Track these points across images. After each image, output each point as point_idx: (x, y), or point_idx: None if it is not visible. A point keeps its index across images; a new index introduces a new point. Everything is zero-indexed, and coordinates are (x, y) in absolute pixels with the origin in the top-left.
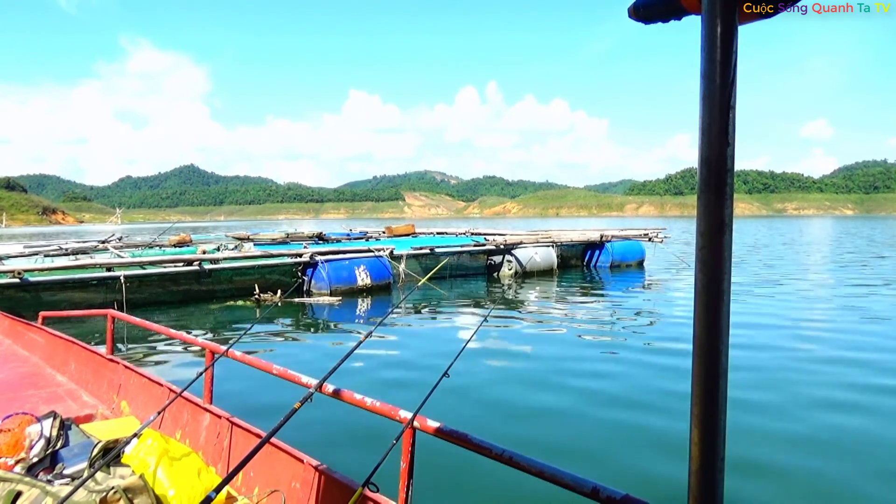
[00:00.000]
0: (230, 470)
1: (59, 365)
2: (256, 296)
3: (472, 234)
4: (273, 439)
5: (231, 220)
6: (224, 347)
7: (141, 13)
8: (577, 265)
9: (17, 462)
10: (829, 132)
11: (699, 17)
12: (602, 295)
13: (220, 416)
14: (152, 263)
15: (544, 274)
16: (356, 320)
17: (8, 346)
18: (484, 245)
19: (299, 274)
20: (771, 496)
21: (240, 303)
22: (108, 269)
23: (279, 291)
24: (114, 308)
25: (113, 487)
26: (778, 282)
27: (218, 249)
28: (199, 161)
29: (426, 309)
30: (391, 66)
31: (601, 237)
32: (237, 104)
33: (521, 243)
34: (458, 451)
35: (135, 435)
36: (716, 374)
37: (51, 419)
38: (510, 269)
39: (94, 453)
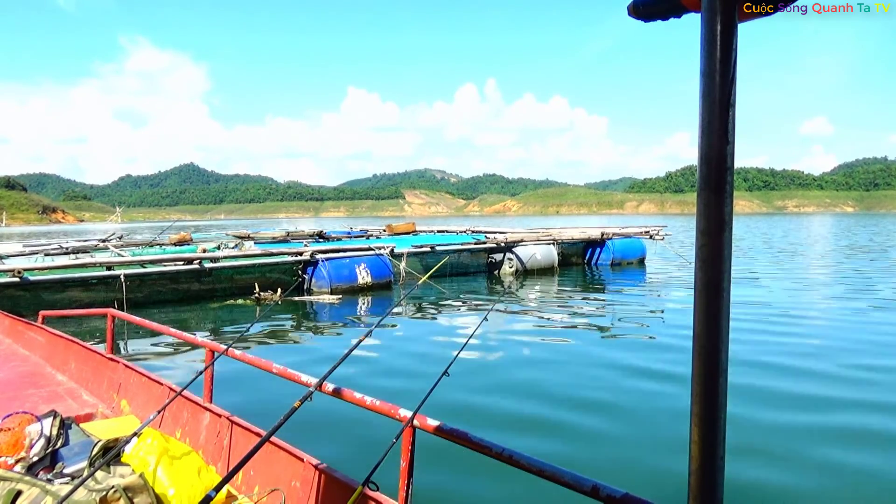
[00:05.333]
0: (230, 469)
1: (59, 364)
2: (257, 294)
3: (473, 232)
4: (273, 438)
5: (231, 219)
6: (224, 346)
7: (140, 12)
8: (578, 263)
9: (18, 461)
10: (830, 129)
11: (699, 15)
12: (603, 293)
13: (220, 415)
14: (152, 262)
15: (545, 272)
16: (357, 319)
17: (8, 346)
18: (484, 243)
19: (300, 272)
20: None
21: (240, 301)
22: (109, 268)
23: (279, 290)
24: (114, 307)
25: (113, 486)
26: None
27: (218, 248)
28: (198, 160)
29: (427, 307)
30: (390, 63)
31: (602, 235)
32: (236, 103)
33: (521, 241)
34: (458, 449)
35: (135, 434)
36: (716, 372)
37: (51, 418)
38: (511, 268)
39: (94, 452)
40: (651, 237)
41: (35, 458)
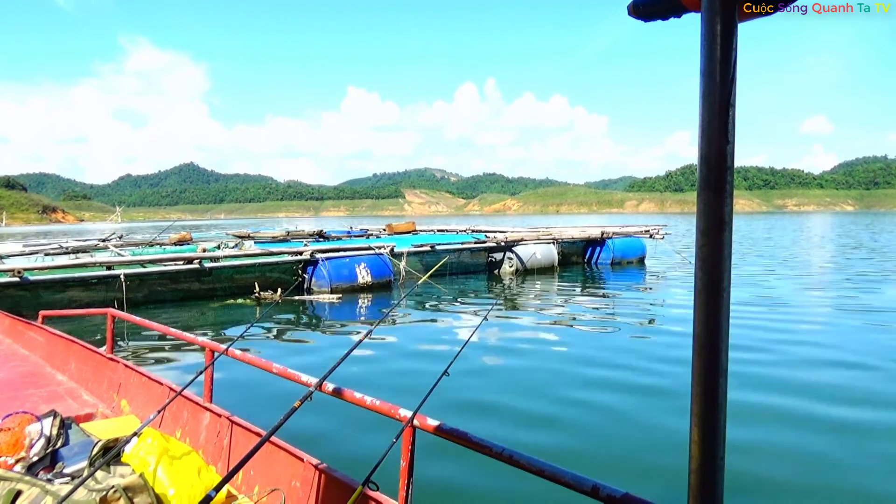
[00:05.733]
0: (230, 469)
1: (59, 364)
2: (257, 294)
3: (473, 231)
4: (273, 438)
5: (231, 219)
6: (224, 346)
7: (139, 12)
8: (579, 262)
9: (18, 461)
10: (829, 128)
11: (699, 15)
12: (603, 292)
13: (220, 415)
14: (152, 262)
15: (545, 271)
16: (357, 318)
17: (8, 346)
18: (485, 242)
19: (300, 272)
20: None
21: (240, 301)
22: (109, 268)
23: (279, 290)
24: (114, 307)
25: (113, 486)
26: None
27: (218, 248)
28: (198, 159)
29: (427, 307)
30: (389, 62)
31: (602, 234)
32: (236, 102)
33: (521, 240)
34: (459, 449)
35: (135, 434)
36: (716, 372)
37: (51, 418)
38: (511, 267)
39: (94, 452)
40: (651, 236)
41: (35, 458)
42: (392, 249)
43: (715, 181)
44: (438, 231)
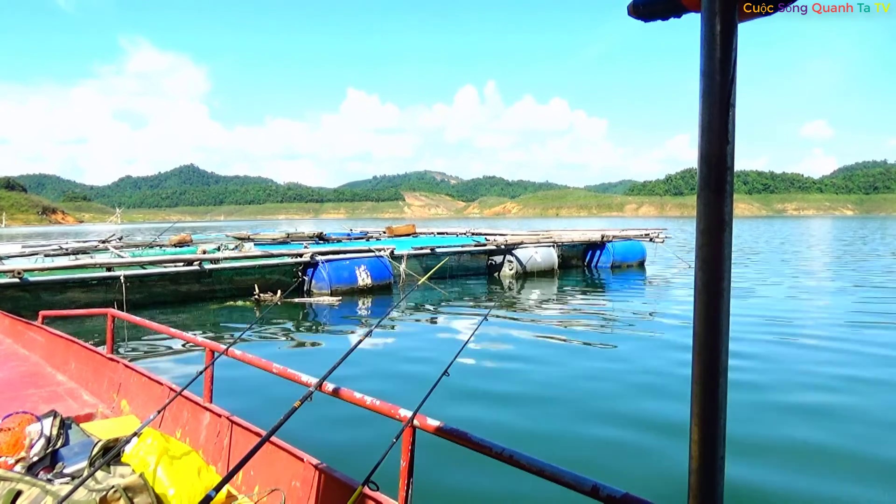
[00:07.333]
0: (230, 469)
1: (59, 364)
2: (256, 296)
3: (473, 234)
4: (273, 438)
5: (231, 220)
6: (224, 346)
7: (140, 13)
8: (578, 265)
9: (18, 461)
10: (829, 132)
11: (699, 15)
12: (603, 295)
13: (220, 415)
14: (152, 263)
15: (545, 274)
16: (356, 320)
17: (8, 346)
18: (484, 245)
19: (300, 274)
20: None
21: (240, 303)
22: (109, 269)
23: (279, 291)
24: (114, 308)
25: (113, 486)
26: None
27: (218, 249)
28: (198, 161)
29: (427, 309)
30: (389, 65)
31: (602, 237)
32: (236, 104)
33: (521, 243)
34: (459, 449)
35: (135, 434)
36: (716, 372)
37: (51, 418)
38: (511, 269)
39: (94, 452)
40: (651, 240)
41: (35, 458)
42: (392, 252)
43: (715, 181)
44: (438, 234)
